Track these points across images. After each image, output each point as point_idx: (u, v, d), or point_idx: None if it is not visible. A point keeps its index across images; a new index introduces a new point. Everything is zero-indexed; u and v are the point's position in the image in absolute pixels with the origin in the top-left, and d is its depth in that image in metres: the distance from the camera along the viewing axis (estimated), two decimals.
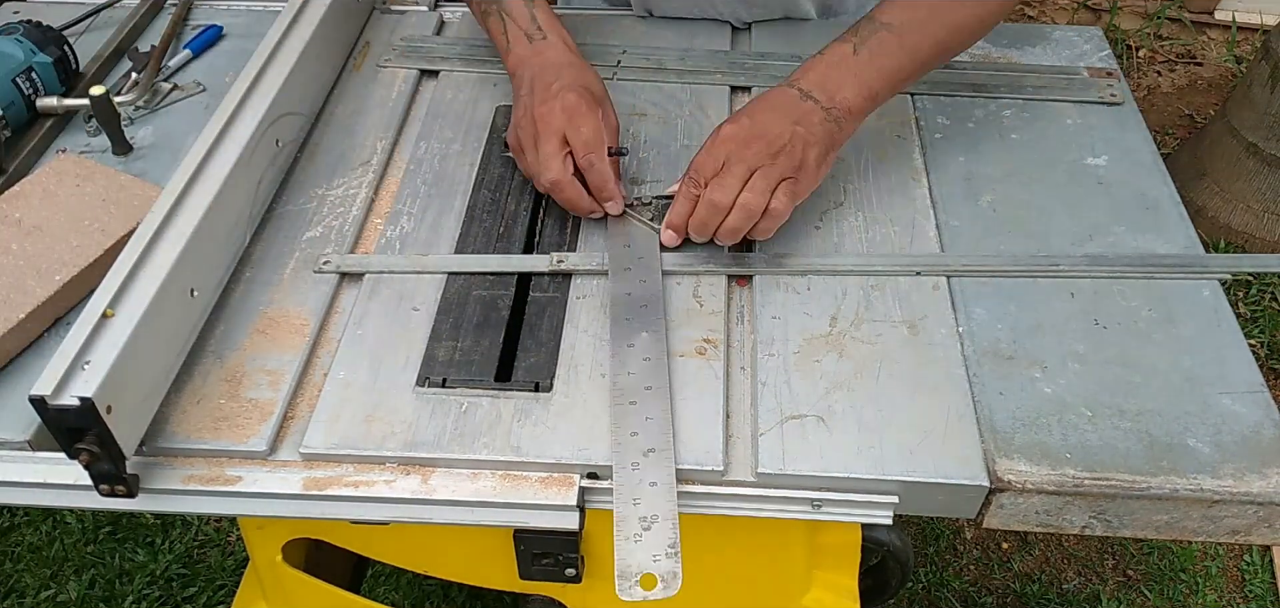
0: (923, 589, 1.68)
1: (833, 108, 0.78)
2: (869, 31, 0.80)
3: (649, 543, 0.63)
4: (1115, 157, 0.91)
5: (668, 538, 0.63)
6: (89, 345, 0.63)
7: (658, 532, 0.63)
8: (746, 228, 0.77)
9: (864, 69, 0.79)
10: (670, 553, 0.62)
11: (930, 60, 0.82)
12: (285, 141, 0.88)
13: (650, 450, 0.67)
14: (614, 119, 0.86)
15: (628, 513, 0.64)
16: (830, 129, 0.78)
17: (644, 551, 0.62)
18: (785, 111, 0.78)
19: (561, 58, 0.87)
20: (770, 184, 0.76)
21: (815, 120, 0.78)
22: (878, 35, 0.79)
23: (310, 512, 0.68)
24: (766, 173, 0.76)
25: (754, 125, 0.77)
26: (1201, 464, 0.66)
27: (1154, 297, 0.78)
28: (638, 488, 0.65)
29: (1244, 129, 2.14)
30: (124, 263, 0.69)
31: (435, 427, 0.69)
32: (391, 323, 0.77)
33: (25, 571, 1.68)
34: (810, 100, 0.78)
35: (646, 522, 0.63)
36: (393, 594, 1.62)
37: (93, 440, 0.61)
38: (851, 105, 0.79)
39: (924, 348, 0.74)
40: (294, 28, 0.93)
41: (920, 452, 0.67)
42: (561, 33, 0.90)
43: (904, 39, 0.79)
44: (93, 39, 1.05)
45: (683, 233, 0.80)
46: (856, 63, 0.79)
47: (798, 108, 0.78)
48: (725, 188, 0.76)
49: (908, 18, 0.80)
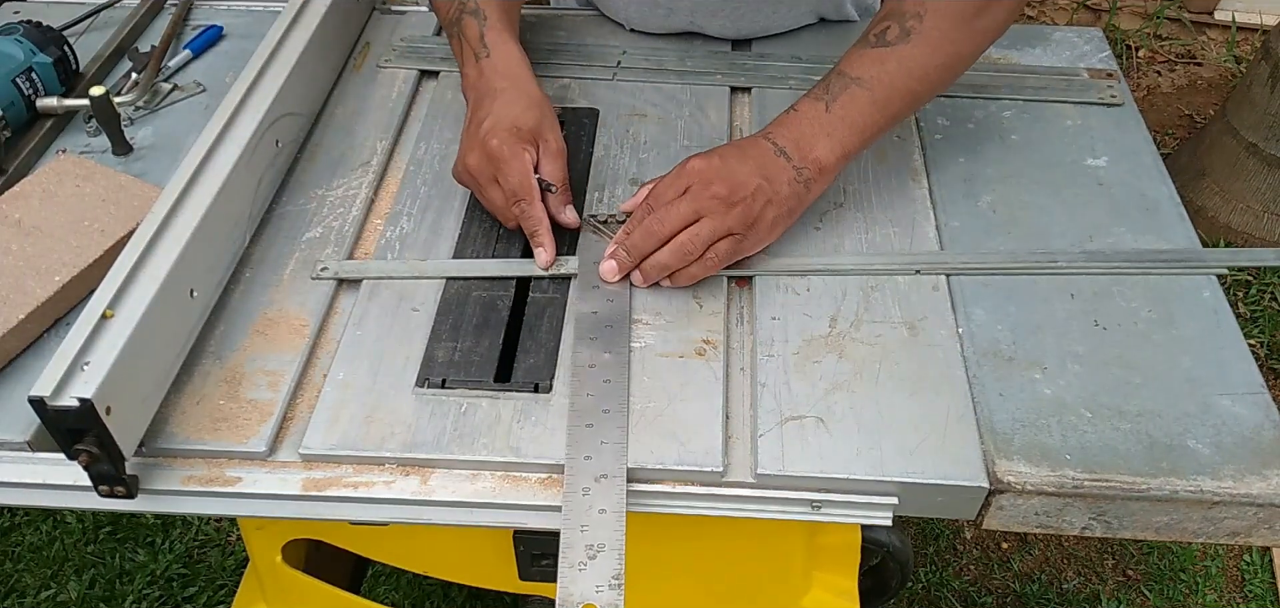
0: (922, 590, 1.68)
1: (804, 167, 0.77)
2: (840, 87, 0.79)
3: (593, 573, 0.61)
4: (1115, 157, 0.91)
5: (613, 570, 0.61)
6: (88, 346, 0.63)
7: (603, 562, 0.62)
8: (674, 267, 0.76)
9: (836, 127, 0.78)
10: (614, 585, 0.61)
11: (902, 112, 0.81)
12: (285, 142, 0.88)
13: (603, 477, 0.65)
14: (556, 143, 0.82)
15: (574, 539, 0.62)
16: (798, 190, 0.77)
17: (588, 580, 0.61)
18: (755, 163, 0.76)
19: (496, 83, 0.83)
20: (714, 234, 0.75)
21: (784, 179, 0.77)
22: (849, 92, 0.78)
23: (310, 512, 0.68)
24: (713, 222, 0.75)
25: (722, 167, 0.76)
26: (1201, 466, 0.66)
27: (1154, 297, 0.78)
28: (587, 514, 0.64)
29: (1244, 129, 2.14)
30: (124, 264, 0.69)
31: (435, 427, 0.69)
32: (391, 324, 0.77)
33: (25, 571, 1.68)
34: (783, 158, 0.77)
35: (593, 550, 0.62)
36: (393, 595, 1.62)
37: (92, 441, 0.61)
38: (824, 163, 0.78)
39: (924, 349, 0.74)
40: (294, 28, 0.93)
41: (920, 453, 0.67)
42: (507, 48, 0.86)
43: (875, 94, 0.78)
44: (93, 39, 1.05)
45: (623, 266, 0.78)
46: (829, 121, 0.78)
47: (770, 163, 0.77)
48: (666, 220, 0.75)
49: (876, 73, 0.78)
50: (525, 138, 0.80)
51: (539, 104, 0.83)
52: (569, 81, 1.01)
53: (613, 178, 0.90)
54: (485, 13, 0.87)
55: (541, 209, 0.79)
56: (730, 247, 0.76)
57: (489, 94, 0.82)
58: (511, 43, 0.86)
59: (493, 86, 0.83)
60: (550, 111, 0.83)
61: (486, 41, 0.85)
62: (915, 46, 0.78)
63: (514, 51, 0.86)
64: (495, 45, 0.85)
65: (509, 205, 0.79)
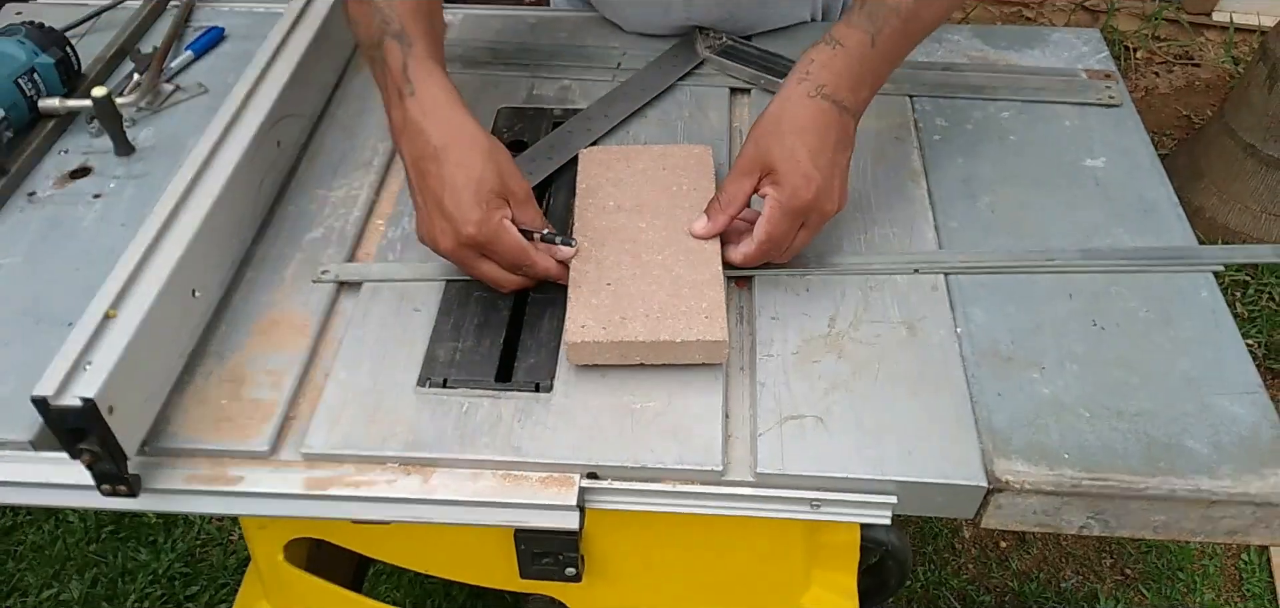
0: (921, 588, 1.68)
1: (857, 112, 0.77)
2: (882, 17, 0.75)
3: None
4: (1113, 158, 0.92)
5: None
6: (91, 346, 0.64)
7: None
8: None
9: (880, 64, 0.77)
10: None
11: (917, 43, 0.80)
12: (287, 143, 0.89)
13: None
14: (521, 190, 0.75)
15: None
16: (852, 137, 0.77)
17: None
18: (834, 142, 0.74)
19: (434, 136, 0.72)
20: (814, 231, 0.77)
21: (848, 134, 0.76)
22: (890, 23, 0.75)
23: (312, 511, 0.68)
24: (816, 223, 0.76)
25: (823, 183, 0.73)
26: (1199, 465, 0.66)
27: (1152, 297, 0.78)
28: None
29: (1241, 130, 2.15)
30: (126, 264, 0.69)
31: (436, 427, 0.69)
32: (392, 324, 0.77)
33: (28, 570, 1.68)
34: (847, 115, 0.75)
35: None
36: (394, 593, 1.62)
37: (95, 441, 0.62)
38: (864, 104, 0.78)
39: (922, 349, 0.74)
40: (296, 30, 0.93)
41: (919, 452, 0.67)
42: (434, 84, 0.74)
43: (908, 26, 0.77)
44: (95, 40, 1.06)
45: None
46: (874, 57, 0.76)
47: (839, 128, 0.74)
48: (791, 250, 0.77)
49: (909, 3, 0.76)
50: (495, 204, 0.72)
51: (488, 151, 0.73)
52: (569, 83, 1.02)
53: None
54: (411, 38, 0.75)
55: (542, 257, 0.75)
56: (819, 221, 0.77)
57: (431, 155, 0.72)
58: (438, 76, 0.75)
59: (432, 144, 0.72)
60: (501, 152, 0.75)
61: (411, 76, 0.74)
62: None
63: (442, 88, 0.74)
64: (421, 81, 0.74)
65: (508, 277, 0.75)
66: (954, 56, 1.05)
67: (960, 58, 1.04)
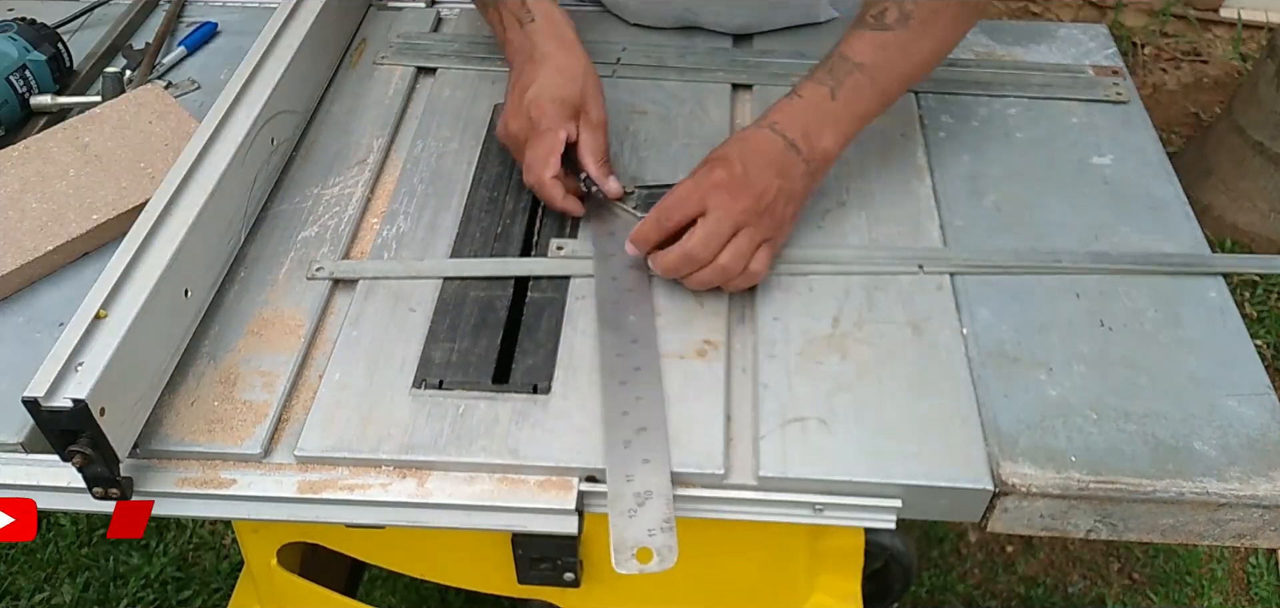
0: (926, 593, 1.67)
1: (813, 158, 0.77)
2: (844, 73, 0.78)
3: (644, 517, 0.63)
4: (1121, 155, 0.90)
5: (663, 514, 0.63)
6: (82, 347, 0.63)
7: (652, 507, 0.63)
8: (717, 284, 0.75)
9: (841, 115, 0.78)
10: (666, 527, 0.62)
11: (897, 97, 0.81)
12: (280, 140, 0.88)
13: (642, 430, 0.67)
14: (598, 115, 0.84)
15: (622, 490, 0.64)
16: (807, 182, 0.78)
17: (639, 525, 0.62)
18: (771, 163, 0.76)
19: (542, 47, 0.84)
20: (753, 244, 0.75)
21: (797, 174, 0.77)
22: (852, 78, 0.78)
23: (305, 515, 0.67)
24: (751, 233, 0.74)
25: (744, 177, 0.75)
26: (1208, 467, 0.65)
27: (1160, 298, 0.77)
28: (630, 464, 0.65)
29: (1250, 127, 2.13)
30: (117, 263, 0.68)
31: (432, 429, 0.68)
32: (388, 324, 0.76)
33: (19, 573, 1.67)
34: (794, 151, 0.76)
35: (641, 497, 0.63)
36: (390, 598, 1.61)
37: (86, 443, 0.61)
38: (829, 153, 0.78)
39: (927, 349, 0.73)
40: (289, 24, 0.92)
41: (924, 455, 0.66)
42: (551, 11, 0.87)
43: (876, 80, 0.78)
44: (87, 36, 1.05)
45: (646, 250, 0.77)
46: (835, 109, 0.78)
47: (783, 159, 0.76)
48: (708, 245, 0.74)
49: (878, 58, 0.78)
50: (567, 111, 0.81)
51: (583, 73, 0.83)
52: None
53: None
54: None
55: (553, 184, 0.80)
56: (768, 252, 0.76)
57: (533, 59, 0.83)
58: (554, 6, 0.87)
59: (539, 50, 0.83)
60: (594, 81, 0.84)
61: (529, 5, 0.86)
62: (913, 31, 0.78)
63: (558, 15, 0.86)
64: (539, 9, 0.86)
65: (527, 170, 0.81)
66: (960, 52, 1.02)
67: (966, 53, 1.03)
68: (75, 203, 0.77)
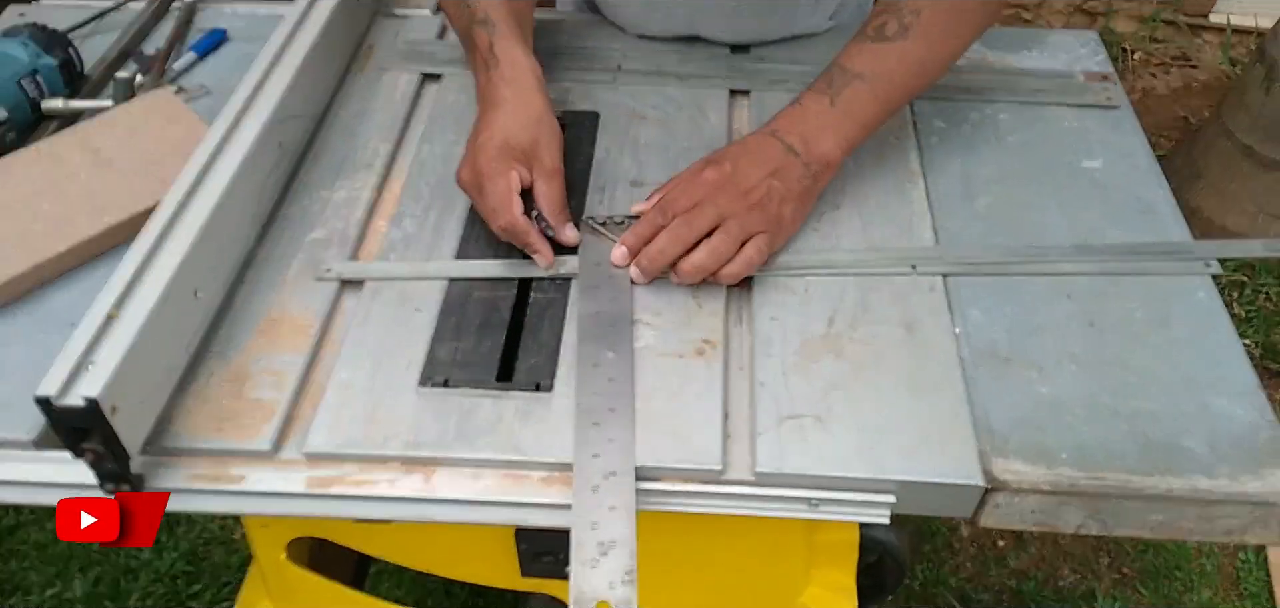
0: (919, 586, 1.69)
1: (812, 161, 0.79)
2: (843, 82, 0.80)
3: (606, 569, 0.61)
4: (1111, 159, 0.92)
5: (625, 565, 0.61)
6: (94, 346, 0.64)
7: (615, 558, 0.61)
8: (711, 268, 0.76)
9: (841, 121, 0.80)
10: (627, 580, 0.61)
11: (899, 105, 0.83)
12: (289, 144, 0.89)
13: (611, 474, 0.65)
14: (551, 162, 0.81)
15: (585, 537, 0.62)
16: (807, 184, 0.79)
17: (600, 576, 0.61)
18: (766, 163, 0.78)
19: (500, 92, 0.83)
20: (744, 233, 0.76)
21: (794, 175, 0.78)
22: (852, 87, 0.80)
23: (314, 510, 0.68)
24: (742, 222, 0.76)
25: (734, 172, 0.77)
26: (1197, 465, 0.67)
27: (1150, 299, 0.78)
28: (597, 511, 0.64)
29: (1239, 131, 2.15)
30: (128, 264, 0.69)
31: (437, 427, 0.70)
32: (394, 324, 0.77)
33: (30, 568, 1.68)
34: (792, 154, 0.79)
35: (604, 547, 0.62)
36: (396, 591, 1.62)
37: (98, 440, 0.62)
38: (830, 157, 0.80)
39: (921, 349, 0.74)
40: (298, 32, 0.93)
41: (917, 452, 0.68)
42: (514, 56, 0.84)
43: (876, 89, 0.80)
44: (98, 42, 1.06)
45: (636, 253, 0.78)
46: (834, 115, 0.80)
47: (780, 160, 0.78)
48: (694, 226, 0.75)
49: (877, 68, 0.80)
50: (513, 155, 0.80)
51: (536, 120, 0.82)
52: (570, 85, 1.02)
53: (613, 180, 0.90)
54: (494, 22, 0.86)
55: (524, 221, 0.78)
56: (765, 243, 0.77)
57: (492, 104, 0.83)
58: (519, 51, 0.85)
59: (497, 95, 0.83)
60: (549, 127, 0.82)
61: (496, 52, 0.85)
62: (913, 42, 0.80)
63: (521, 60, 0.85)
64: (503, 54, 0.85)
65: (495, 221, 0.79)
66: None
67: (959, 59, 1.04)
68: (86, 205, 0.78)
